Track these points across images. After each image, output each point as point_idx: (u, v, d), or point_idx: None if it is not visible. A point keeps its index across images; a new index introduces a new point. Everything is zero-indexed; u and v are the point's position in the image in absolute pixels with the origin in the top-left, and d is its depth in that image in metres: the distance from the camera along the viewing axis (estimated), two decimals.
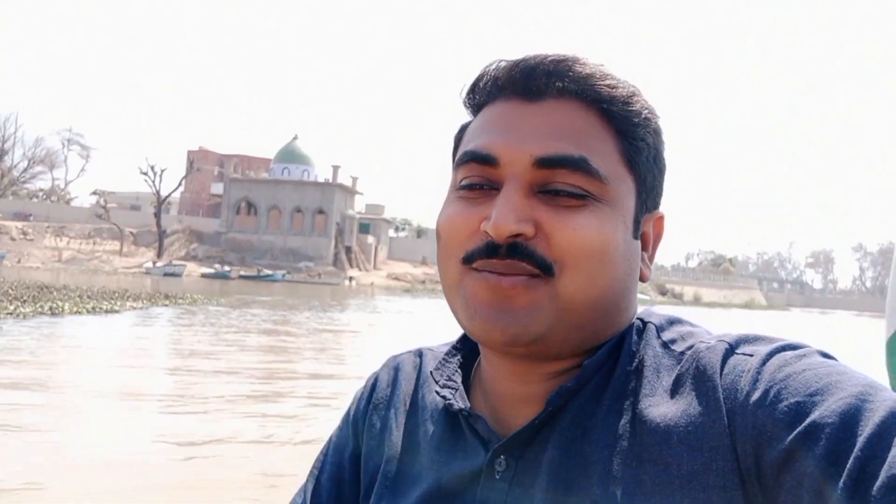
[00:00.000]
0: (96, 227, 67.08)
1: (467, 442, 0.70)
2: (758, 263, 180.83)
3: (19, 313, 15.87)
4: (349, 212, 69.73)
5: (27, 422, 6.95)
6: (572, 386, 0.65)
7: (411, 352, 0.85)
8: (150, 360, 11.67)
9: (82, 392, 8.61)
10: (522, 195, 0.64)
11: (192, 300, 25.22)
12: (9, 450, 5.99)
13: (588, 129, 0.65)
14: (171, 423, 7.32)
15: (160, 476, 5.56)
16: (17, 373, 9.47)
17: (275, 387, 9.76)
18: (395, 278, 68.01)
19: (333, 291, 46.65)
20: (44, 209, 71.11)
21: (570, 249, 0.63)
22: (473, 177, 0.67)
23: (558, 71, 0.66)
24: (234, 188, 67.86)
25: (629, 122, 0.67)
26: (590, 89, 0.66)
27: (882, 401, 0.51)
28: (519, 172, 0.64)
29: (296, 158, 70.53)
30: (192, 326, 17.37)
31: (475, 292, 0.64)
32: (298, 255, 65.70)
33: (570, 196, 0.64)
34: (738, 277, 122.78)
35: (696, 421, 0.59)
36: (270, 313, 23.15)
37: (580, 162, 0.63)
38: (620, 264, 0.66)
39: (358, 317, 24.80)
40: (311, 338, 16.55)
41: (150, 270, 55.29)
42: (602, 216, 0.64)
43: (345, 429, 0.84)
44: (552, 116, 0.65)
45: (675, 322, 0.70)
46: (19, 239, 61.78)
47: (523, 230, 0.62)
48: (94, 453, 6.01)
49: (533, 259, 0.62)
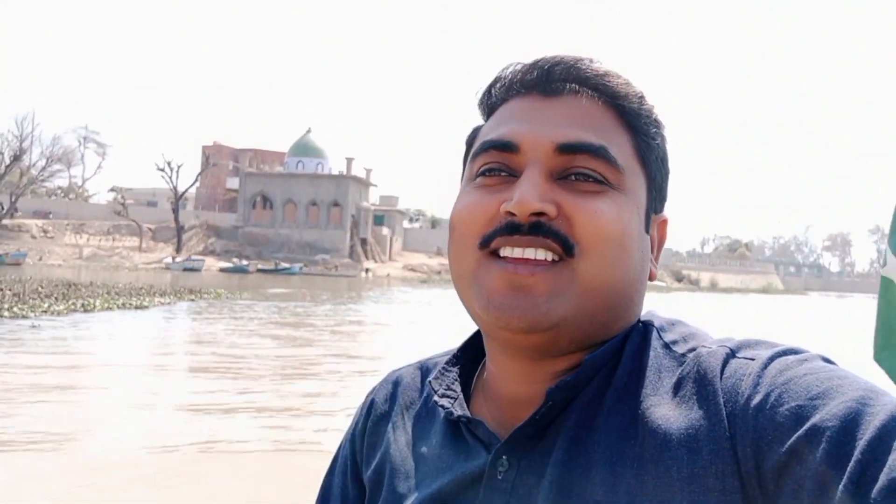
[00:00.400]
0: (115, 224, 67.74)
1: (469, 446, 0.70)
2: (774, 248, 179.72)
3: (54, 310, 16.32)
4: (364, 204, 69.99)
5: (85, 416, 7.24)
6: (572, 380, 0.65)
7: (412, 365, 0.85)
8: (198, 350, 11.98)
9: (133, 383, 8.94)
10: (544, 178, 0.65)
11: (217, 294, 25.60)
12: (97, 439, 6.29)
13: (605, 122, 0.68)
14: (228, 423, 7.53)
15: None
16: (65, 365, 9.80)
17: (323, 384, 9.98)
18: (412, 269, 68.24)
19: (351, 283, 47.06)
20: (63, 207, 71.83)
21: (591, 232, 0.64)
22: (493, 162, 0.68)
23: (575, 69, 0.68)
24: (249, 182, 68.25)
25: (642, 120, 0.69)
26: (605, 87, 0.68)
27: (883, 405, 0.51)
28: (540, 158, 0.65)
29: (310, 152, 70.78)
30: (222, 319, 17.68)
31: (492, 281, 0.64)
32: (315, 248, 66.07)
33: (589, 182, 0.65)
34: (755, 262, 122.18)
35: (696, 424, 0.59)
36: (297, 305, 23.44)
37: (600, 149, 0.65)
38: (636, 254, 0.67)
39: (390, 310, 25.00)
40: (344, 330, 16.75)
41: (170, 265, 55.87)
42: (620, 204, 0.66)
43: (346, 448, 0.85)
44: (571, 109, 0.67)
45: (676, 323, 0.71)
46: (40, 237, 62.52)
47: (546, 209, 0.63)
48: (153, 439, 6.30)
49: (557, 237, 0.63)
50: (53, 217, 68.39)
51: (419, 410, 0.79)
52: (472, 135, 0.76)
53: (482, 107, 0.75)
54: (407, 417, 0.80)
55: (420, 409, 0.79)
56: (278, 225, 67.33)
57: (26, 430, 6.54)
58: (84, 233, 65.61)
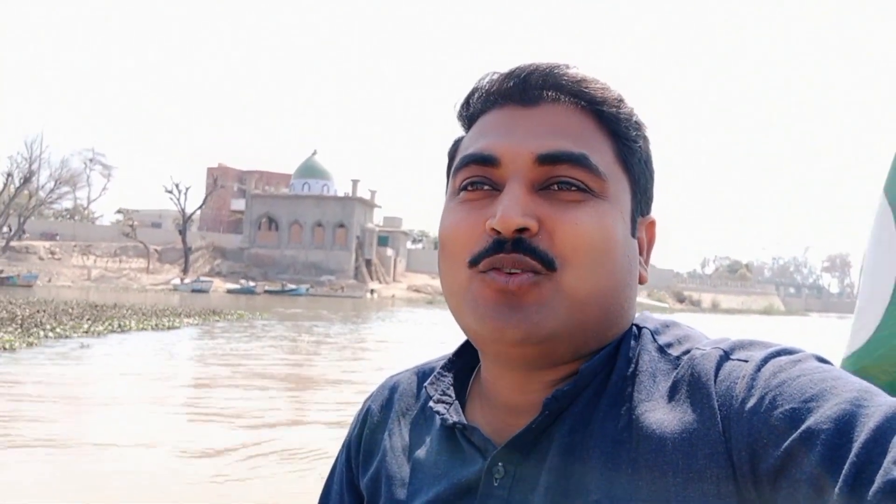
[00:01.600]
0: (122, 246, 68.12)
1: (465, 453, 0.70)
2: (773, 268, 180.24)
3: (93, 331, 16.88)
4: (369, 225, 70.51)
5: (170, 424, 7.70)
6: (569, 390, 0.65)
7: (409, 370, 0.86)
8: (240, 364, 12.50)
9: (191, 392, 9.42)
10: (525, 191, 0.64)
11: (240, 315, 26.21)
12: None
13: (585, 129, 0.67)
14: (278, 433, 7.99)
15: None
16: (128, 380, 10.31)
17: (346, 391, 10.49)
18: (416, 290, 68.59)
19: (357, 304, 47.37)
20: (69, 228, 72.29)
21: (572, 244, 0.63)
22: (475, 176, 0.67)
23: (552, 76, 0.68)
24: (255, 204, 68.81)
25: (622, 124, 0.69)
26: (583, 93, 0.68)
27: (877, 406, 0.51)
28: (521, 170, 0.65)
29: (315, 173, 71.40)
30: (255, 338, 18.25)
31: (483, 294, 0.64)
32: (320, 269, 66.46)
33: (571, 191, 0.65)
34: (755, 283, 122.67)
35: (690, 428, 0.59)
36: (313, 324, 23.93)
37: (581, 158, 0.65)
38: (621, 261, 0.67)
39: (406, 329, 25.48)
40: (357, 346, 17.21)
41: (178, 287, 56.21)
42: (602, 212, 0.65)
43: (342, 455, 0.86)
44: (549, 118, 0.67)
45: (670, 325, 0.70)
46: (47, 258, 62.87)
47: (528, 224, 0.63)
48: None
49: (536, 254, 0.63)
50: (60, 239, 68.80)
51: (416, 416, 0.79)
52: (453, 147, 0.75)
53: (461, 118, 0.74)
54: (404, 424, 0.80)
55: (417, 415, 0.79)
56: (284, 246, 67.75)
57: (121, 433, 7.09)
58: (91, 254, 65.96)
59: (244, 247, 68.54)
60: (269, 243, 68.37)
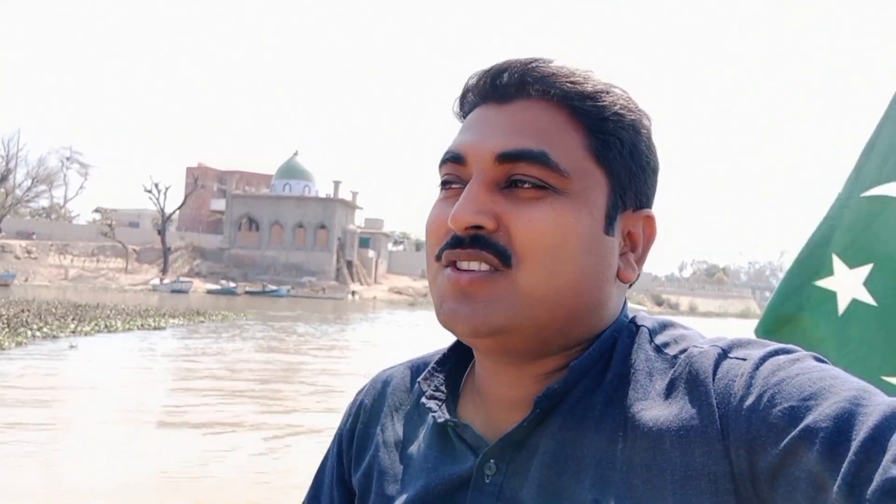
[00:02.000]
0: (99, 245, 67.36)
1: (456, 449, 0.70)
2: (749, 273, 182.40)
3: (81, 331, 16.79)
4: (350, 226, 70.38)
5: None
6: (559, 387, 0.65)
7: (402, 364, 0.86)
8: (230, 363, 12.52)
9: (188, 387, 9.43)
10: (485, 190, 0.65)
11: (224, 316, 26.17)
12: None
13: (551, 126, 0.66)
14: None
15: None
16: (123, 380, 10.27)
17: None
18: (398, 292, 68.57)
19: (338, 306, 47.42)
20: (46, 227, 71.32)
21: (528, 241, 0.64)
22: (448, 174, 0.69)
23: (524, 73, 0.68)
24: (236, 204, 68.39)
25: (596, 118, 0.67)
26: (553, 87, 0.67)
27: (876, 405, 0.51)
28: (482, 168, 0.66)
29: (297, 174, 71.12)
30: (236, 338, 18.32)
31: (442, 288, 0.66)
32: (301, 270, 66.21)
33: (529, 189, 0.65)
34: (732, 287, 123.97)
35: (688, 425, 0.59)
36: (297, 326, 23.92)
37: (539, 156, 0.64)
38: (584, 259, 0.65)
39: (392, 330, 25.48)
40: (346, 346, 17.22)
41: (157, 287, 55.79)
42: (561, 209, 0.65)
43: (333, 449, 0.86)
44: (517, 115, 0.67)
45: (667, 325, 0.70)
46: (24, 258, 61.98)
47: (482, 222, 0.64)
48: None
49: (494, 249, 0.64)
50: (37, 238, 67.87)
51: (409, 411, 0.79)
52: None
53: (457, 117, 0.75)
54: (397, 418, 0.80)
55: (411, 410, 0.79)
56: (264, 247, 67.40)
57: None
58: (68, 254, 65.16)
59: (224, 247, 68.10)
60: (250, 244, 67.99)
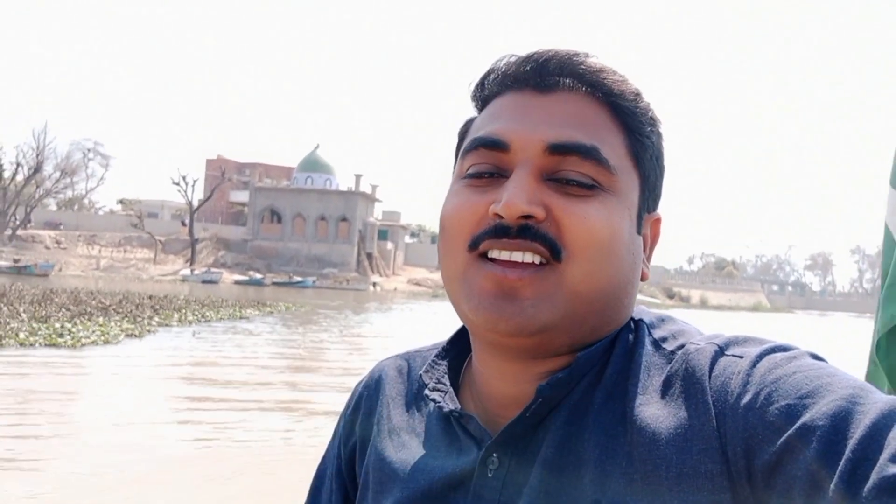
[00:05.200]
0: (126, 236, 68.69)
1: (460, 441, 0.70)
2: (757, 266, 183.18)
3: (185, 320, 18.43)
4: (370, 219, 71.56)
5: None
6: (564, 377, 0.64)
7: (398, 356, 0.85)
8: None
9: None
10: (534, 179, 0.63)
11: (288, 307, 27.71)
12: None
13: (598, 121, 0.66)
14: None
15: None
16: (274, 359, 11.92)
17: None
18: (417, 283, 69.80)
19: (361, 296, 48.65)
20: (72, 218, 72.70)
21: (580, 238, 0.63)
22: (482, 164, 0.66)
23: (570, 64, 0.66)
24: (259, 197, 69.59)
25: (637, 119, 0.68)
26: (600, 83, 0.67)
27: (873, 403, 0.51)
28: (530, 158, 0.64)
29: (318, 168, 72.25)
30: (330, 328, 20.13)
31: (481, 283, 0.64)
32: (323, 262, 67.47)
33: (579, 185, 0.64)
34: (742, 280, 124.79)
35: (685, 423, 0.59)
36: (351, 315, 25.51)
37: (592, 150, 0.64)
38: (626, 257, 0.66)
39: (433, 317, 27.06)
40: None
41: (188, 277, 56.92)
42: (610, 207, 0.64)
43: (334, 442, 0.86)
44: (564, 106, 0.66)
45: (665, 320, 0.70)
46: (53, 248, 63.38)
47: (535, 212, 0.62)
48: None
49: (545, 241, 0.62)
50: (64, 228, 69.28)
51: (408, 402, 0.79)
52: (464, 127, 0.74)
53: (475, 99, 0.73)
54: (395, 410, 0.79)
55: (409, 401, 0.79)
56: (287, 238, 68.69)
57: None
58: (96, 244, 66.54)
59: (248, 239, 69.36)
60: (273, 236, 69.21)
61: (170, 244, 69.43)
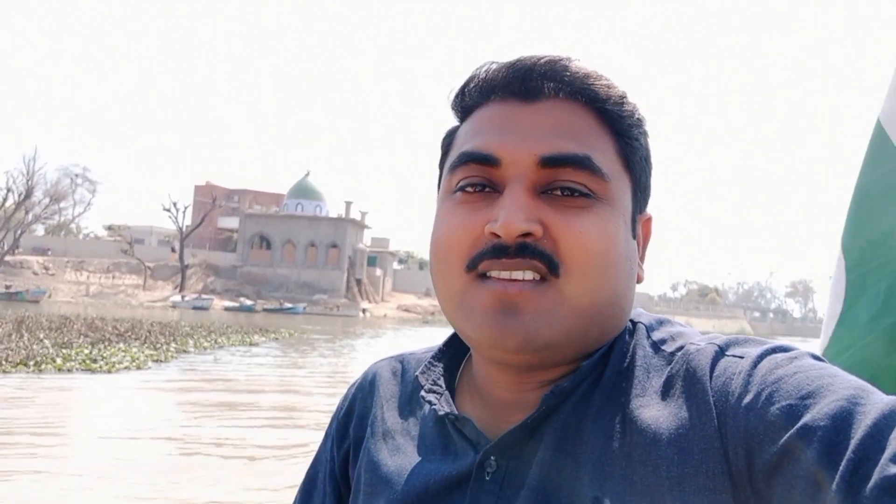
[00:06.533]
0: (115, 262, 68.62)
1: (456, 445, 0.69)
2: (738, 293, 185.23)
3: (201, 346, 18.91)
4: (359, 245, 72.10)
5: None
6: (568, 386, 0.64)
7: (392, 358, 0.85)
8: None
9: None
10: (528, 196, 0.63)
11: (290, 333, 28.10)
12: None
13: (587, 128, 0.65)
14: None
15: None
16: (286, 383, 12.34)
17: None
18: (406, 310, 70.28)
19: (351, 322, 48.87)
20: (60, 244, 72.54)
21: (577, 253, 0.62)
22: (473, 177, 0.65)
23: (554, 71, 0.66)
24: (249, 223, 69.95)
25: (624, 122, 0.67)
26: (586, 89, 0.66)
27: (874, 403, 0.51)
28: (523, 172, 0.63)
29: (309, 194, 72.85)
30: (337, 354, 20.50)
31: (482, 301, 0.63)
32: (312, 288, 67.75)
33: (574, 196, 0.63)
34: (724, 307, 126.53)
35: (685, 423, 0.58)
36: (346, 340, 26.05)
37: (584, 160, 0.63)
38: (622, 266, 0.66)
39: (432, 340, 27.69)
40: None
41: (178, 304, 56.99)
42: (606, 217, 0.64)
43: (326, 445, 0.85)
44: (551, 116, 0.65)
45: (665, 322, 0.70)
46: (41, 273, 63.20)
47: (533, 229, 0.62)
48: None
49: (543, 258, 0.62)
50: (52, 254, 69.10)
51: (401, 404, 0.78)
52: (447, 137, 0.73)
53: (456, 109, 0.71)
54: (389, 412, 0.78)
55: (403, 404, 0.78)
56: (276, 265, 68.97)
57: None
58: (84, 270, 66.39)
59: (237, 265, 69.56)
60: (262, 262, 69.47)
61: (158, 270, 69.41)
